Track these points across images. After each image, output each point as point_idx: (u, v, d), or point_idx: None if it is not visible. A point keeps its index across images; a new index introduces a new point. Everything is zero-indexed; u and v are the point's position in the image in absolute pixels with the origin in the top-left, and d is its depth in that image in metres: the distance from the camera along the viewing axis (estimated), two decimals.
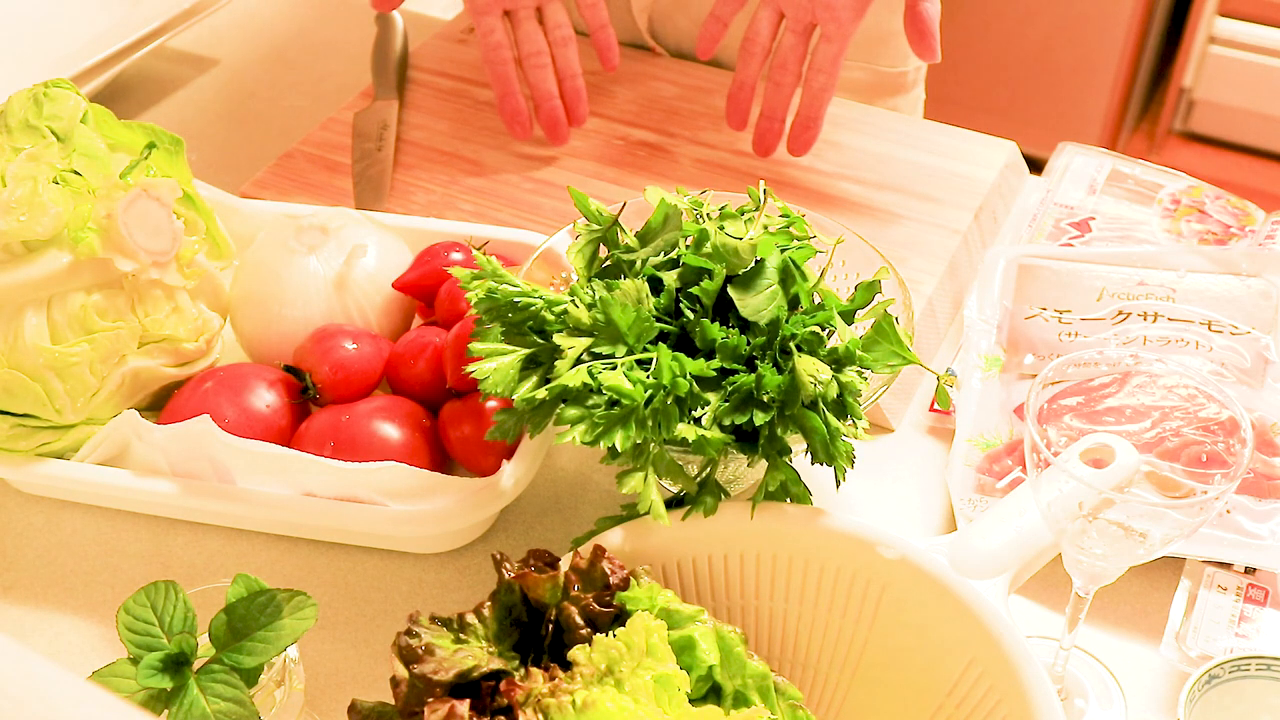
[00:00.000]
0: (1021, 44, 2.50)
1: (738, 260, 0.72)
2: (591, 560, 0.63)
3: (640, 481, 0.67)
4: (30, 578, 0.80)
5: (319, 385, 0.82)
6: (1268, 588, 0.76)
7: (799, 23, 0.97)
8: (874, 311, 0.75)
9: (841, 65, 0.97)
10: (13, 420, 0.79)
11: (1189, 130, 2.61)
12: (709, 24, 1.02)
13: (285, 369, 0.83)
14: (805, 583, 0.69)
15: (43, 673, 0.38)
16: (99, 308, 0.79)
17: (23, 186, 0.77)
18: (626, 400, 0.66)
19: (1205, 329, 0.88)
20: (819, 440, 0.68)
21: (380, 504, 0.76)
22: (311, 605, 0.64)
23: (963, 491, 0.82)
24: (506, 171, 1.06)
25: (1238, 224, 1.00)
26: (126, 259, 0.79)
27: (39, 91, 0.82)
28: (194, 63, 1.25)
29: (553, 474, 0.86)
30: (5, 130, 0.81)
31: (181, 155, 0.87)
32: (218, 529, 0.83)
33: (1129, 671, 0.75)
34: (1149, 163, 1.06)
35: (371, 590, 0.80)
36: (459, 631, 0.59)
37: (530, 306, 0.71)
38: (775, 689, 0.62)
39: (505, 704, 0.56)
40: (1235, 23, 2.41)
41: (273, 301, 0.85)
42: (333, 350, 0.82)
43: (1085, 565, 0.65)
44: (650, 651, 0.58)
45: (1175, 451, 0.73)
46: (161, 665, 0.62)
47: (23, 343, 0.77)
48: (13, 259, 0.78)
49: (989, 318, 0.92)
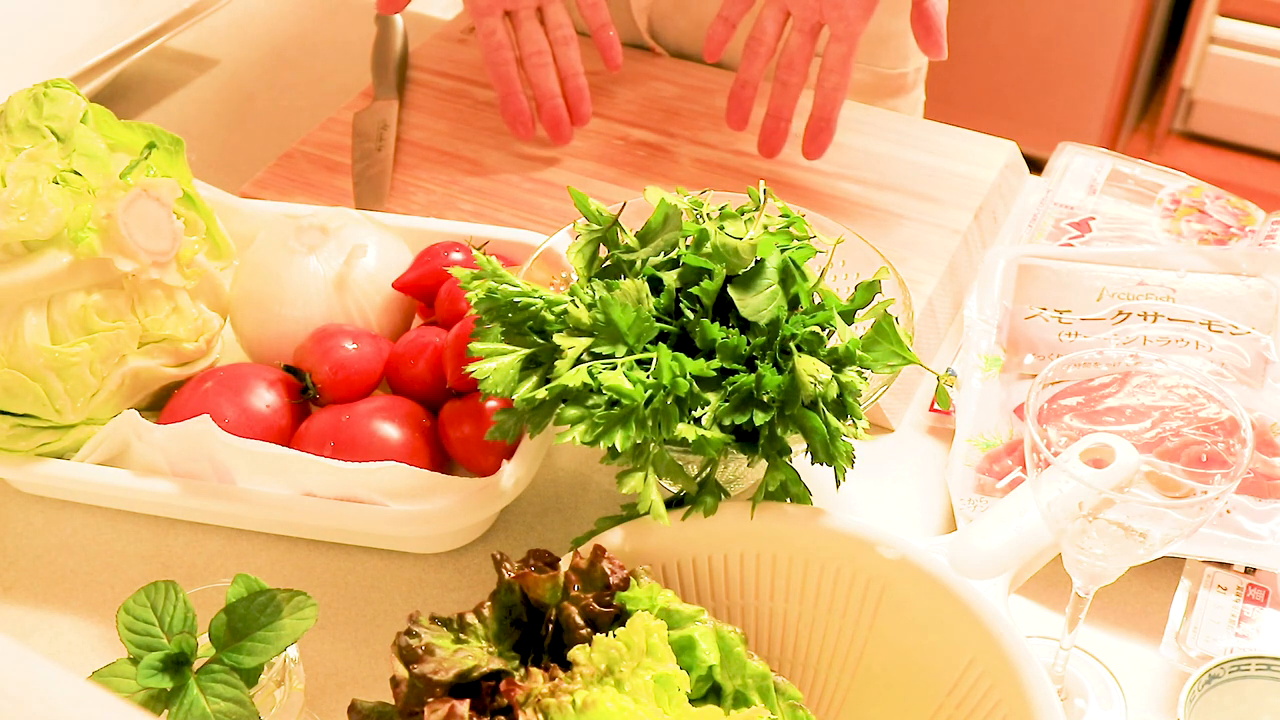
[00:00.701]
0: (1021, 44, 2.50)
1: (738, 260, 0.72)
2: (591, 560, 0.63)
3: (640, 481, 0.67)
4: (30, 578, 0.80)
5: (319, 385, 0.81)
6: (1268, 588, 0.76)
7: (806, 22, 0.97)
8: (874, 311, 0.75)
9: (853, 65, 0.97)
10: (13, 420, 0.79)
11: (1189, 130, 2.61)
12: (716, 25, 1.01)
13: (285, 369, 0.83)
14: (805, 583, 0.69)
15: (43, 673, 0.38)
16: (99, 308, 0.79)
17: (23, 186, 0.77)
18: (626, 400, 0.66)
19: (1205, 329, 0.88)
20: (819, 440, 0.68)
21: (380, 504, 0.76)
22: (311, 605, 0.64)
23: (963, 491, 0.82)
24: (506, 171, 1.06)
25: (1238, 224, 1.00)
26: (126, 259, 0.79)
27: (39, 91, 0.82)
28: (194, 63, 1.25)
29: (553, 474, 0.86)
30: (5, 130, 0.81)
31: (181, 155, 0.87)
32: (218, 529, 0.83)
33: (1129, 671, 0.75)
34: (1149, 163, 1.06)
35: (371, 590, 0.80)
36: (459, 631, 0.59)
37: (530, 306, 0.71)
38: (775, 689, 0.62)
39: (505, 704, 0.56)
40: (1235, 23, 2.41)
41: (273, 301, 0.85)
42: (333, 350, 0.82)
43: (1085, 565, 0.65)
44: (650, 651, 0.58)
45: (1175, 451, 0.73)
46: (161, 665, 0.62)
47: (23, 343, 0.77)
48: (13, 259, 0.78)
49: (989, 318, 0.92)
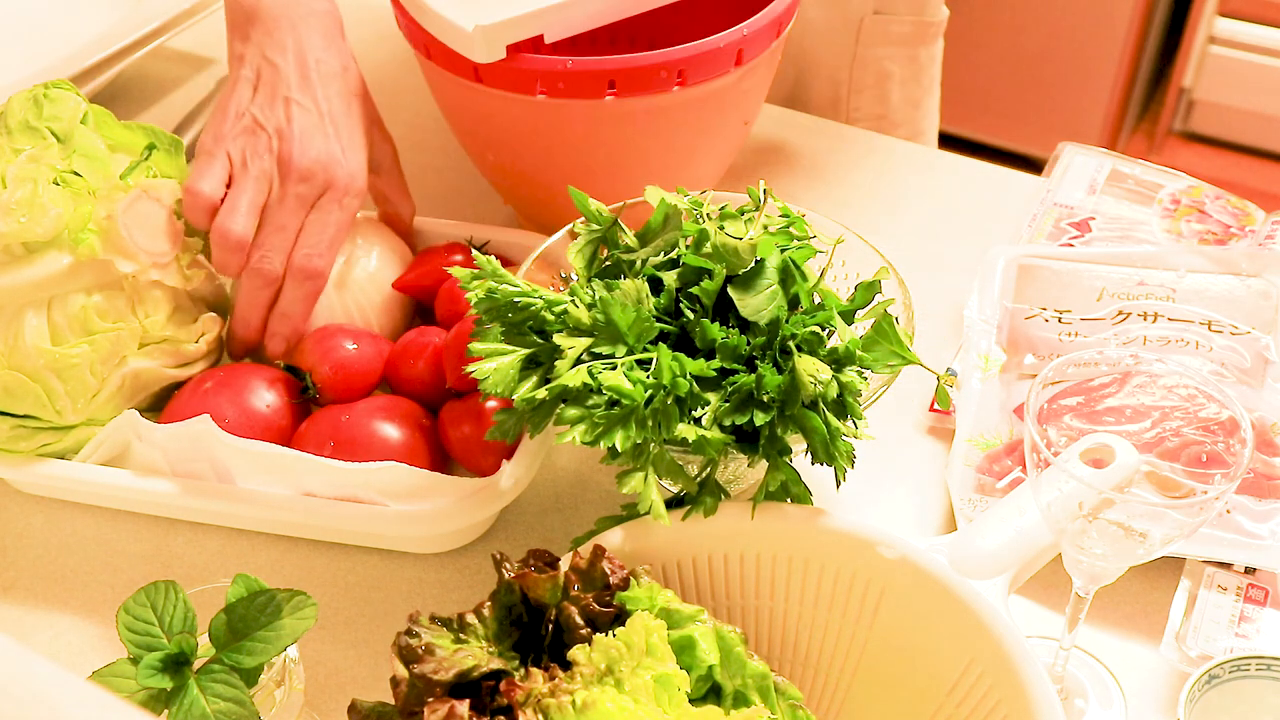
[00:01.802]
0: (1021, 44, 2.50)
1: (738, 260, 0.72)
2: (591, 560, 0.63)
3: (640, 481, 0.67)
4: (30, 578, 0.80)
5: (319, 385, 0.82)
6: (1268, 588, 0.76)
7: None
8: (874, 311, 0.75)
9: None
10: (13, 421, 0.79)
11: (1189, 130, 2.61)
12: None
13: (285, 369, 0.83)
14: (805, 583, 0.69)
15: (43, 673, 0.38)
16: (99, 309, 0.79)
17: (23, 188, 0.77)
18: (626, 400, 0.66)
19: (1205, 329, 0.88)
20: (819, 440, 0.68)
21: (380, 504, 0.76)
22: (311, 605, 0.64)
23: (963, 491, 0.82)
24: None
25: (1238, 224, 1.00)
26: (127, 260, 0.79)
27: (39, 93, 0.82)
28: (194, 63, 1.25)
29: (553, 474, 0.86)
30: (5, 131, 0.81)
31: (181, 156, 0.87)
32: (218, 529, 0.83)
33: (1129, 671, 0.75)
34: (1149, 163, 1.06)
35: (371, 590, 0.80)
36: (459, 631, 0.59)
37: (530, 306, 0.71)
38: (775, 689, 0.62)
39: (505, 704, 0.56)
40: (1235, 23, 2.41)
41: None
42: (333, 350, 0.82)
43: (1085, 565, 0.65)
44: (650, 651, 0.58)
45: (1175, 451, 0.73)
46: (161, 665, 0.62)
47: (23, 344, 0.77)
48: (13, 260, 0.78)
49: (989, 318, 0.92)
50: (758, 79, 0.92)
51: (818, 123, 1.15)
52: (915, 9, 1.18)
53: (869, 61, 1.18)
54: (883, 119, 1.22)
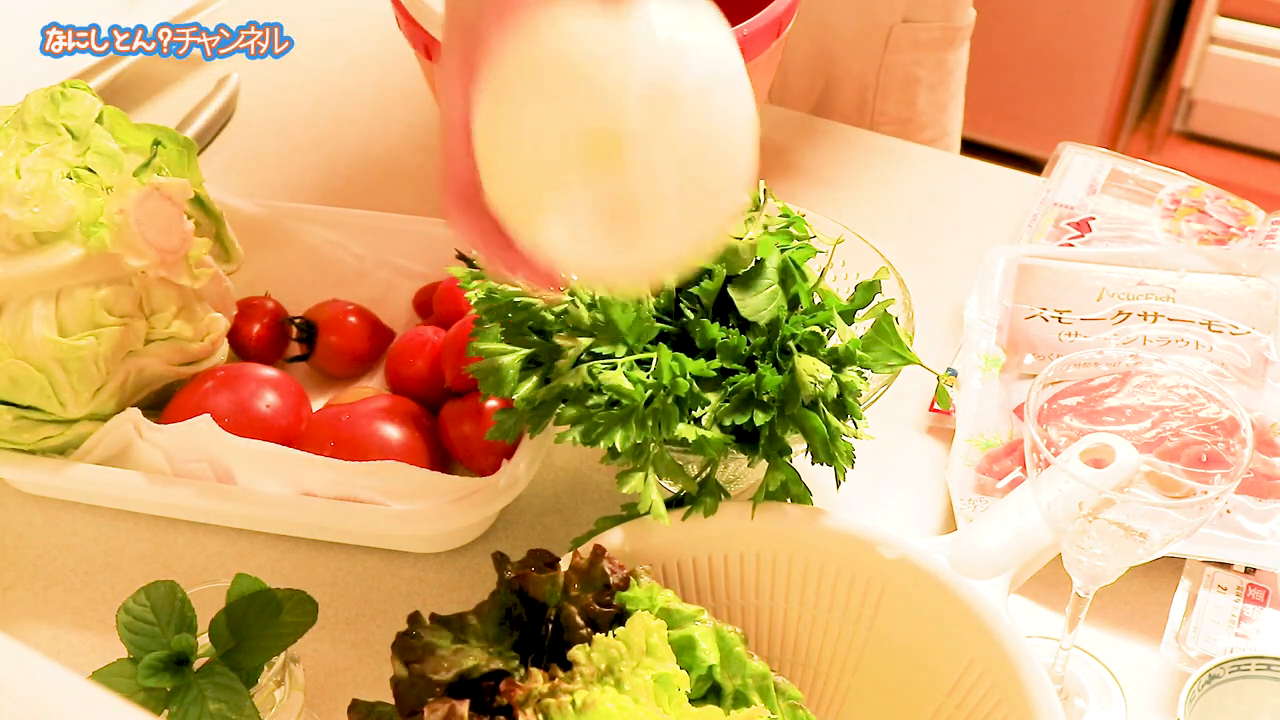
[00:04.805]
0: (1021, 44, 2.50)
1: (738, 260, 0.72)
2: (591, 560, 0.63)
3: (640, 481, 0.67)
4: (30, 578, 0.80)
5: (318, 348, 0.88)
6: (1268, 588, 0.76)
7: None
8: (874, 311, 0.75)
9: None
10: (17, 412, 0.79)
11: (1189, 130, 2.61)
12: None
13: (293, 321, 0.89)
14: (805, 583, 0.69)
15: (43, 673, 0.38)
16: (107, 303, 0.79)
17: (37, 178, 0.77)
18: (626, 400, 0.66)
19: (1205, 329, 0.88)
20: (819, 440, 0.68)
21: (380, 504, 0.76)
22: (311, 605, 0.64)
23: (963, 491, 0.82)
24: None
25: (1238, 224, 1.00)
26: (137, 256, 0.79)
27: (56, 91, 0.83)
28: (194, 63, 1.24)
29: (553, 474, 0.86)
30: (22, 127, 0.81)
31: (194, 158, 0.87)
32: (218, 529, 0.83)
33: (1129, 671, 0.75)
34: (1149, 163, 1.06)
35: (371, 590, 0.79)
36: (459, 631, 0.59)
37: (530, 306, 0.71)
38: (775, 689, 0.62)
39: (505, 704, 0.56)
40: (1235, 23, 2.41)
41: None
42: (340, 319, 0.89)
43: (1085, 565, 0.65)
44: (650, 651, 0.58)
45: (1175, 451, 0.73)
46: (161, 665, 0.62)
47: (30, 334, 0.77)
48: (24, 249, 0.78)
49: (989, 318, 0.92)
50: (758, 79, 0.92)
51: (818, 123, 1.15)
52: (944, 14, 1.18)
53: (896, 67, 1.18)
54: (909, 123, 1.21)
